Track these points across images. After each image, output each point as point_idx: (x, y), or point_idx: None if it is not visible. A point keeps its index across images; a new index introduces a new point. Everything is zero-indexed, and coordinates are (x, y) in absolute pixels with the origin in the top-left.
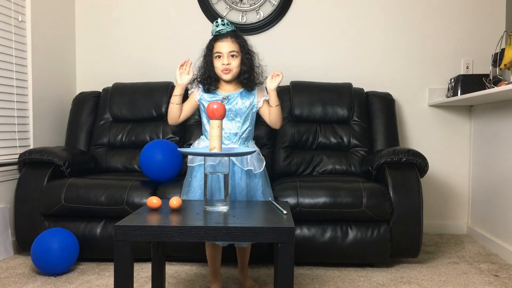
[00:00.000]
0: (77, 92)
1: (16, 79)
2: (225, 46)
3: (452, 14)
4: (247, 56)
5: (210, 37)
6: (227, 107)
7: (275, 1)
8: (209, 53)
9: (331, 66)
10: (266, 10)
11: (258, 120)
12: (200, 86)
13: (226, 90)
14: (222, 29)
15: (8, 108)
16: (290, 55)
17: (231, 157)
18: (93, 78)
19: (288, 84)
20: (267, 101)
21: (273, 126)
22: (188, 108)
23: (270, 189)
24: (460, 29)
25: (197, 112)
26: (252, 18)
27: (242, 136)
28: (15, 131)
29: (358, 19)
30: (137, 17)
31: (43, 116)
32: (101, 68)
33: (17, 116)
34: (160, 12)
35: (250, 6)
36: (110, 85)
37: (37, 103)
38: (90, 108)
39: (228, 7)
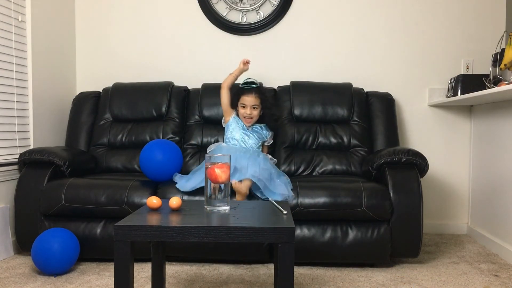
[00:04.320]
0: (77, 92)
1: (16, 79)
2: (249, 100)
3: (452, 14)
4: (266, 109)
5: (210, 36)
6: (249, 135)
7: (275, 1)
8: (235, 99)
9: (331, 66)
10: (266, 10)
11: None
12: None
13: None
14: (248, 86)
15: (8, 108)
16: (290, 55)
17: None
18: (93, 78)
19: (288, 84)
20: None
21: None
22: (228, 99)
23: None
24: (460, 29)
25: (197, 112)
26: (252, 18)
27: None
28: (15, 131)
29: (358, 19)
30: (137, 17)
31: (43, 116)
32: (101, 68)
33: (17, 116)
34: (160, 12)
35: (250, 6)
36: (110, 85)
37: (37, 103)
38: (90, 108)
39: (228, 7)
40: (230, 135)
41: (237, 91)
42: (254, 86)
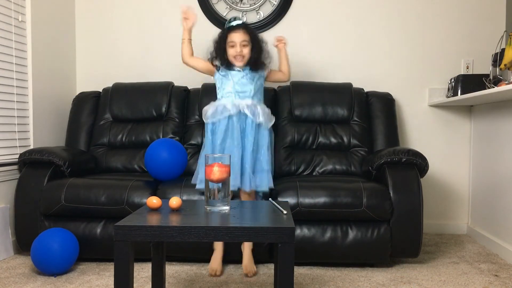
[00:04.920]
0: (77, 92)
1: (16, 79)
2: (238, 36)
3: (452, 14)
4: (257, 45)
5: (210, 36)
6: (241, 79)
7: (275, 1)
8: (222, 42)
9: (331, 66)
10: (266, 10)
11: None
12: (218, 63)
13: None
14: (234, 22)
15: (8, 108)
16: (290, 55)
17: (244, 110)
18: (93, 78)
19: (288, 84)
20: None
21: (285, 76)
22: (201, 61)
23: (273, 157)
24: (460, 29)
25: (197, 112)
26: (252, 18)
27: (256, 92)
28: (15, 131)
29: (358, 19)
30: (137, 17)
31: (43, 116)
32: (101, 68)
33: (17, 116)
34: (160, 12)
35: (250, 6)
36: (110, 85)
37: (37, 103)
38: (90, 108)
39: (228, 7)
40: (222, 92)
41: (222, 33)
42: (240, 22)
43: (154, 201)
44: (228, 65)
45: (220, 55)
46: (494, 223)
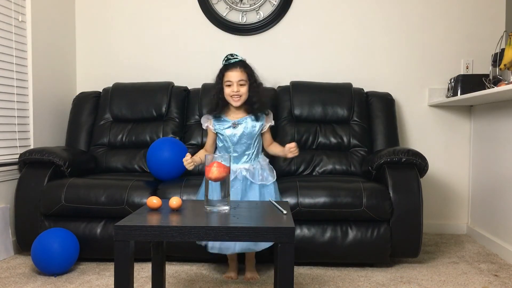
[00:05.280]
0: (77, 92)
1: (16, 79)
2: (235, 75)
3: (452, 14)
4: (254, 84)
5: (210, 36)
6: (238, 131)
7: (275, 1)
8: (219, 82)
9: (331, 66)
10: (266, 10)
11: None
12: (210, 117)
13: (235, 117)
14: (232, 60)
15: (8, 108)
16: (290, 55)
17: (245, 174)
18: (93, 78)
19: (288, 84)
20: (270, 128)
21: (265, 149)
22: (211, 142)
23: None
24: (460, 29)
25: (197, 112)
26: (252, 18)
27: (254, 154)
28: (15, 131)
29: (358, 19)
30: (137, 17)
31: (43, 116)
32: (101, 68)
33: (17, 116)
34: (161, 12)
35: (250, 6)
36: (110, 85)
37: (37, 103)
38: (90, 108)
39: (228, 7)
40: (218, 147)
41: (220, 72)
42: (238, 59)
43: (154, 201)
44: (221, 112)
45: (217, 96)
46: (494, 223)
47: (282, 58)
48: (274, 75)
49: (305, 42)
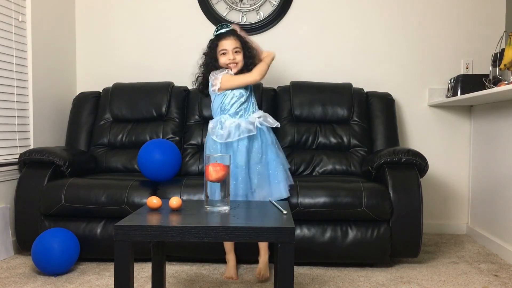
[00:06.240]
0: (77, 92)
1: (16, 79)
2: (229, 44)
3: (452, 14)
4: (249, 50)
5: (210, 36)
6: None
7: (275, 1)
8: (212, 51)
9: (331, 66)
10: (266, 10)
11: None
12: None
13: None
14: (224, 29)
15: (8, 108)
16: (290, 55)
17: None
18: (93, 78)
19: (288, 84)
20: None
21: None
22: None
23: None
24: (460, 29)
25: (197, 112)
26: (252, 18)
27: (253, 107)
28: (15, 131)
29: (358, 19)
30: (137, 17)
31: (43, 116)
32: (101, 68)
33: (17, 116)
34: (161, 12)
35: (250, 6)
36: (110, 85)
37: (37, 103)
38: (90, 108)
39: (228, 7)
40: (214, 110)
41: (212, 42)
42: (230, 28)
43: (154, 201)
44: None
45: (212, 65)
46: (494, 223)
47: (282, 58)
48: (274, 75)
49: (305, 42)
